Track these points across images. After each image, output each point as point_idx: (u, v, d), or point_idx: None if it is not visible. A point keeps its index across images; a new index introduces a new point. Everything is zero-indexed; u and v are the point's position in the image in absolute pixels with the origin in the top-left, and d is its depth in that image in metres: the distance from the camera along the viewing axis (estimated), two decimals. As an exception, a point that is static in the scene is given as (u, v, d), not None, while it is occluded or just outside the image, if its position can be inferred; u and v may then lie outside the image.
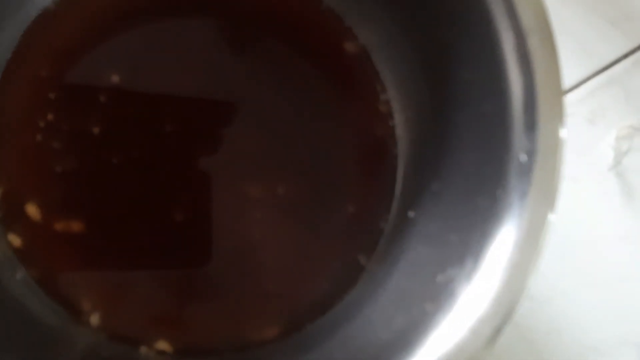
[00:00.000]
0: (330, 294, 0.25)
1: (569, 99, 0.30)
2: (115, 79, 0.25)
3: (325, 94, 0.26)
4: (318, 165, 0.26)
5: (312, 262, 0.26)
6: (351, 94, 0.27)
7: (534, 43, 0.19)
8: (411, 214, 0.23)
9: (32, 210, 0.24)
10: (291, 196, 0.25)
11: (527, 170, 0.18)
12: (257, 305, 0.25)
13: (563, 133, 0.18)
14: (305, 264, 0.26)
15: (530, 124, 0.19)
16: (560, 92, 0.19)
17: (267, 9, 0.26)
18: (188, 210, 0.25)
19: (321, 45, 0.27)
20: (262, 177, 0.25)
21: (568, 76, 0.30)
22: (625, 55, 0.31)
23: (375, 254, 0.25)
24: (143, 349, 0.23)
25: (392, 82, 0.26)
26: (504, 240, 0.18)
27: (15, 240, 0.24)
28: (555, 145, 0.19)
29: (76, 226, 0.24)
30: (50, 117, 0.24)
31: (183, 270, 0.25)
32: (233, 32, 0.26)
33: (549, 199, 0.18)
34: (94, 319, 0.24)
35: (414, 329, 0.19)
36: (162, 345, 0.24)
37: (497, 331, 0.17)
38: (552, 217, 0.18)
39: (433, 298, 0.19)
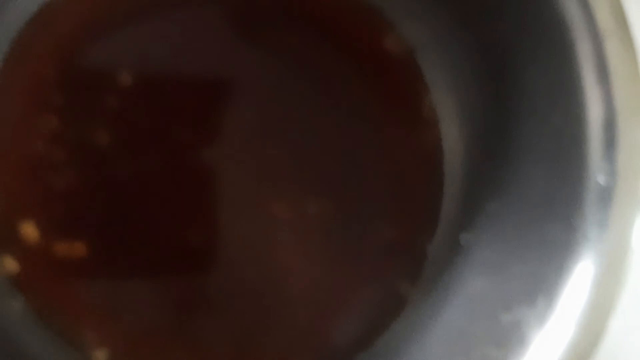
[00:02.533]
0: (367, 329, 0.25)
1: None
2: (124, 78, 0.24)
3: (361, 98, 0.26)
4: (352, 180, 0.26)
5: (345, 291, 0.25)
6: (390, 97, 0.26)
7: (612, 47, 0.18)
8: (464, 237, 0.23)
9: (30, 230, 0.24)
10: (322, 216, 0.25)
11: (607, 195, 0.18)
12: (283, 340, 0.25)
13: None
14: (338, 294, 0.25)
15: (610, 141, 0.18)
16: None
17: (299, 4, 0.26)
18: (204, 232, 0.25)
19: (357, 43, 0.26)
20: (290, 194, 0.25)
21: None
22: None
23: (420, 283, 0.24)
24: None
25: (442, 85, 0.25)
26: (580, 276, 0.18)
27: (11, 264, 0.23)
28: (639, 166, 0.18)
29: (79, 248, 0.24)
30: (53, 123, 0.24)
31: (195, 297, 0.25)
32: (256, 25, 0.26)
33: (631, 228, 0.18)
34: (101, 355, 0.23)
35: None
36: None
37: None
38: (635, 248, 0.18)
39: (499, 342, 0.18)
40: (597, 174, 0.18)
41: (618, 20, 0.19)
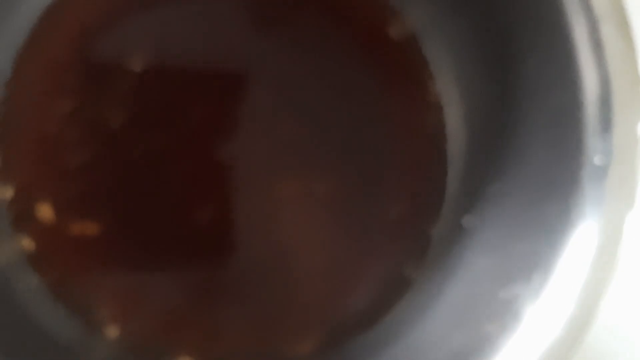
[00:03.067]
0: (373, 307, 0.25)
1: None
2: (138, 62, 0.25)
3: (367, 82, 0.26)
4: (359, 161, 0.26)
5: (352, 270, 0.25)
6: (396, 82, 0.26)
7: (607, 31, 0.19)
8: (466, 219, 0.23)
9: (46, 210, 0.24)
10: (328, 195, 0.25)
11: (602, 174, 0.18)
12: (290, 316, 0.25)
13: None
14: (344, 272, 0.25)
15: (606, 122, 0.18)
16: (638, 86, 0.19)
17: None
18: (214, 211, 0.25)
19: (362, 29, 0.26)
20: (297, 174, 0.25)
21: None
22: None
23: (425, 264, 0.25)
24: (166, 365, 0.24)
25: (445, 69, 0.26)
26: (576, 253, 0.18)
27: (28, 243, 0.24)
28: (634, 147, 0.18)
29: (92, 227, 0.24)
30: (68, 104, 0.25)
31: (207, 276, 0.25)
32: (266, 12, 0.26)
33: (627, 205, 0.18)
34: (113, 331, 0.24)
35: (472, 352, 0.19)
36: (186, 359, 0.24)
37: (568, 356, 0.17)
38: (630, 225, 0.18)
39: (495, 317, 0.19)
40: (593, 154, 0.19)
41: (614, 4, 0.19)
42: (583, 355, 0.19)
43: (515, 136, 0.22)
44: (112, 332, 0.24)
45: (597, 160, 0.18)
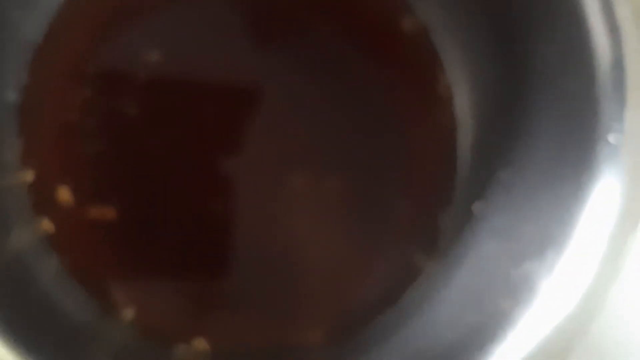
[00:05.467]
0: (383, 296, 0.25)
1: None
2: (154, 55, 0.25)
3: (378, 75, 0.26)
4: (369, 154, 0.26)
5: (362, 261, 0.25)
6: (406, 76, 0.27)
7: (621, 13, 0.19)
8: (477, 206, 0.23)
9: (65, 194, 0.24)
10: (341, 189, 0.25)
11: (616, 153, 0.18)
12: (300, 305, 0.25)
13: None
14: (355, 263, 0.25)
15: (620, 101, 0.18)
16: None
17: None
18: (225, 201, 0.25)
19: (374, 24, 0.27)
20: (308, 168, 0.25)
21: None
22: None
23: (435, 252, 0.25)
24: (180, 347, 0.23)
25: (455, 62, 0.26)
26: (590, 228, 0.18)
27: (48, 226, 0.24)
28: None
29: (109, 212, 0.24)
30: (86, 94, 0.25)
31: (220, 263, 0.25)
32: (278, 8, 0.26)
33: (638, 182, 0.18)
34: (128, 313, 0.24)
35: (488, 328, 0.18)
36: (200, 343, 0.24)
37: (584, 329, 0.17)
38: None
39: (509, 294, 0.19)
40: (607, 133, 0.19)
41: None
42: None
43: (526, 122, 0.22)
44: (128, 314, 0.24)
45: (611, 139, 0.18)
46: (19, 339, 0.19)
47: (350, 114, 0.26)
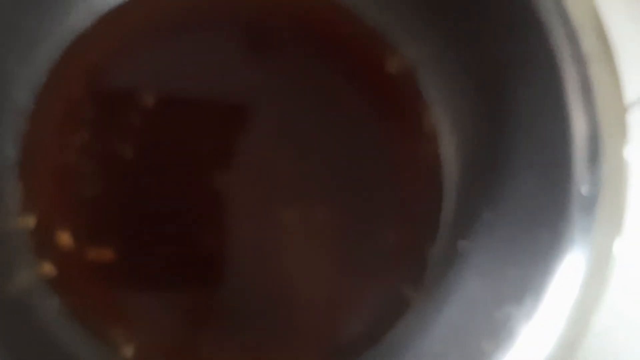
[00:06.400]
0: (372, 329, 0.25)
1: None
2: (147, 98, 0.26)
3: (365, 113, 0.27)
4: (357, 189, 0.27)
5: (351, 293, 0.26)
6: (392, 113, 0.27)
7: (595, 69, 0.20)
8: (462, 244, 0.24)
9: (65, 238, 0.25)
10: (329, 223, 0.26)
11: (591, 203, 0.19)
12: (290, 339, 0.26)
13: (628, 164, 0.19)
14: (344, 296, 0.26)
15: (594, 155, 0.19)
16: (624, 119, 0.19)
17: (304, 25, 0.27)
18: (218, 239, 0.26)
19: (360, 63, 0.27)
20: (298, 202, 0.26)
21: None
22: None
23: (422, 286, 0.25)
24: (178, 383, 0.24)
25: (439, 101, 0.26)
26: (566, 277, 0.19)
27: (49, 269, 0.24)
28: (621, 177, 0.19)
29: (107, 254, 0.25)
30: (84, 137, 0.25)
31: (212, 300, 0.26)
32: (268, 48, 0.27)
33: (615, 231, 0.19)
34: (128, 351, 0.24)
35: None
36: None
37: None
38: (618, 249, 0.19)
39: (490, 335, 0.19)
40: (581, 185, 0.19)
41: (603, 45, 0.20)
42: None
43: (506, 166, 0.23)
44: (128, 352, 0.24)
45: (584, 190, 0.19)
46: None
47: (340, 148, 0.27)
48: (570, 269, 0.19)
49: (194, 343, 0.25)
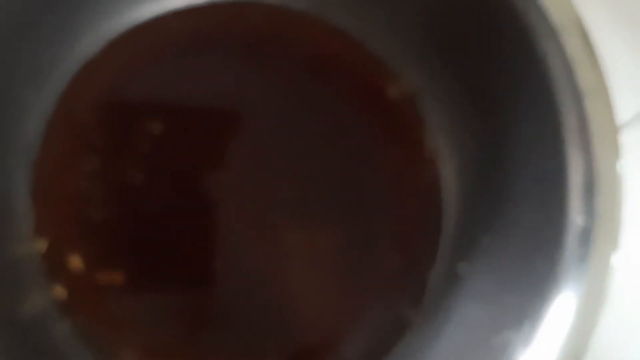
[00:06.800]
0: (372, 350, 0.26)
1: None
2: (157, 126, 0.26)
3: (366, 137, 0.28)
4: (359, 213, 0.27)
5: (351, 314, 0.27)
6: (393, 138, 0.28)
7: (591, 104, 0.20)
8: (461, 268, 0.24)
9: (76, 261, 0.25)
10: (330, 245, 0.27)
11: (586, 234, 0.20)
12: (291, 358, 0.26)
13: (622, 198, 0.19)
14: (344, 316, 0.27)
15: (589, 187, 0.20)
16: (617, 154, 0.20)
17: (306, 51, 0.27)
18: (224, 260, 0.26)
19: (362, 89, 0.28)
20: (302, 226, 0.27)
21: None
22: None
23: (422, 309, 0.26)
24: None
25: (440, 128, 0.27)
26: (563, 304, 0.20)
27: (61, 292, 0.25)
28: (616, 207, 0.20)
29: (117, 277, 0.25)
30: (95, 162, 0.26)
31: (215, 325, 0.26)
32: (269, 72, 0.27)
33: (608, 263, 0.19)
34: (137, 373, 0.25)
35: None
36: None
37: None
38: (614, 274, 0.19)
39: (490, 361, 0.20)
40: (576, 216, 0.20)
41: (597, 80, 0.20)
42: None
43: (505, 194, 0.23)
44: (137, 374, 0.25)
45: (579, 221, 0.20)
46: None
47: (341, 172, 0.27)
48: (566, 297, 0.20)
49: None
